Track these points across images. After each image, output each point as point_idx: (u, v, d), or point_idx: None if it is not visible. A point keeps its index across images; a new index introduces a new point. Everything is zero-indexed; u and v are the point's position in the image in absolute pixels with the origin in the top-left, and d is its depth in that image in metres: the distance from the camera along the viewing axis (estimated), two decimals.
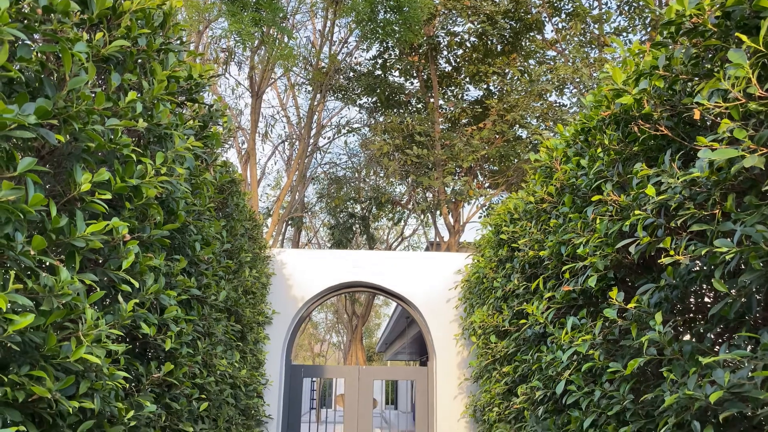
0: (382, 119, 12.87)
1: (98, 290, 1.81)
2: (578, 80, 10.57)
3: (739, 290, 1.61)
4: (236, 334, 4.20)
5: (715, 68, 1.73)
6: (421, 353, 21.71)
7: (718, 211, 1.62)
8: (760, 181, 1.56)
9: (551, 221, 2.99)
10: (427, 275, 6.02)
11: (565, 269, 2.74)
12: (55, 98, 1.54)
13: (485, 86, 12.23)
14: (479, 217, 4.91)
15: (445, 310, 5.92)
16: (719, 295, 2.04)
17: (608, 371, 2.28)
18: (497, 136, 10.92)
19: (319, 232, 21.28)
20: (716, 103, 1.52)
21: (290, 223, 15.54)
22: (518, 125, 11.09)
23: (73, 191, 1.67)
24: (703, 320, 2.06)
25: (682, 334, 2.09)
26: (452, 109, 12.33)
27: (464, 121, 12.32)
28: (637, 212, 1.93)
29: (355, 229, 16.72)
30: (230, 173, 3.59)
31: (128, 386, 2.36)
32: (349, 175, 15.23)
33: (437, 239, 12.85)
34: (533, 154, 3.35)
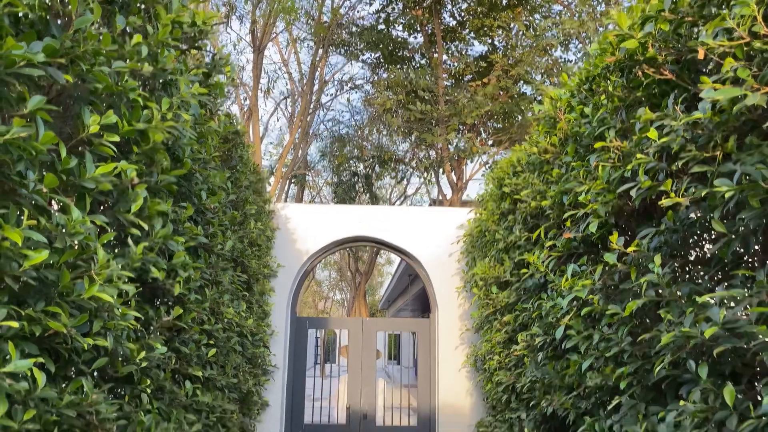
0: (385, 75, 12.73)
1: (109, 231, 1.85)
2: (584, 35, 10.41)
3: (736, 230, 1.64)
4: (242, 284, 4.27)
5: (721, 10, 1.72)
6: (423, 310, 21.97)
7: (719, 152, 1.64)
8: (761, 122, 1.57)
9: (554, 171, 3.01)
10: (430, 230, 6.07)
11: (566, 216, 2.78)
12: (61, 38, 1.55)
13: (490, 41, 12.04)
14: (482, 174, 4.91)
15: (447, 263, 5.99)
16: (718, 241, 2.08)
17: (607, 314, 2.33)
18: (501, 92, 10.81)
19: (322, 190, 21.30)
20: (720, 42, 1.52)
21: (293, 181, 15.56)
22: (523, 81, 10.98)
23: (81, 133, 1.69)
24: (701, 264, 2.10)
25: (680, 278, 2.13)
26: (456, 64, 12.19)
27: (468, 77, 12.18)
28: (639, 156, 1.95)
29: (358, 187, 16.75)
30: (234, 124, 3.60)
31: (139, 329, 2.43)
32: (351, 133, 15.16)
33: (440, 197, 12.88)
34: (537, 104, 3.34)
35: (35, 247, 1.48)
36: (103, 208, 2.05)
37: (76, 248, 1.67)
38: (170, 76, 2.18)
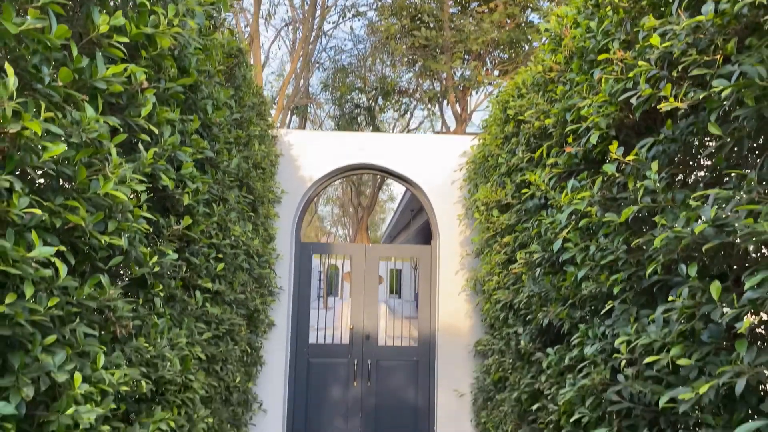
0: (389, 0, 12.42)
1: (121, 133, 1.90)
2: None
3: (732, 132, 1.69)
4: (248, 205, 4.35)
5: None
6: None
7: (719, 56, 1.66)
8: (763, 24, 1.58)
9: (558, 89, 3.02)
10: (433, 158, 6.10)
11: (568, 131, 2.81)
12: None
13: None
14: (487, 105, 4.87)
15: (449, 191, 6.05)
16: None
17: (604, 224, 2.41)
18: (508, 20, 10.58)
19: (324, 123, 21.17)
20: None
21: (295, 112, 15.45)
22: (530, 8, 10.72)
23: (91, 33, 1.72)
24: (697, 170, 2.15)
25: (676, 186, 2.19)
26: None
27: (475, 3, 11.89)
28: (641, 63, 1.97)
29: (360, 120, 16.64)
30: (238, 41, 3.59)
31: (151, 234, 2.51)
32: (354, 63, 14.94)
33: (443, 129, 12.81)
34: (543, 23, 3.32)
35: (53, 140, 1.54)
36: (113, 111, 2.09)
37: (90, 147, 1.73)
38: None
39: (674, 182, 2.18)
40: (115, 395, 2.21)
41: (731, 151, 1.83)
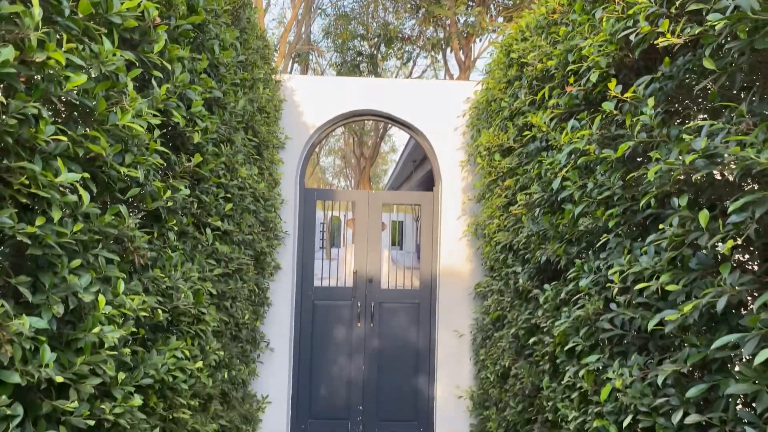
0: None
1: (137, 68, 1.96)
2: None
3: (724, 67, 1.75)
4: (254, 148, 4.42)
5: None
6: None
7: None
8: None
9: (560, 30, 3.05)
10: (436, 104, 6.13)
11: (568, 70, 2.86)
12: None
13: None
14: (490, 54, 4.83)
15: (452, 137, 6.10)
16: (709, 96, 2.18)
17: (601, 161, 2.49)
18: None
19: (325, 71, 20.96)
20: None
21: (296, 60, 15.30)
22: None
23: None
24: (691, 106, 2.22)
25: (671, 122, 2.25)
26: None
27: None
28: (640, 0, 2.01)
29: (362, 68, 16.48)
30: None
31: (164, 168, 2.60)
32: (356, 9, 14.70)
33: (447, 77, 12.72)
34: None
35: (74, 71, 1.61)
36: (127, 47, 2.15)
37: (108, 80, 1.80)
38: None
39: (671, 119, 2.25)
40: (134, 321, 2.35)
41: (725, 86, 1.89)
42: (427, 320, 6.22)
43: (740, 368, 1.53)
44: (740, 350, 1.63)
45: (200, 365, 2.92)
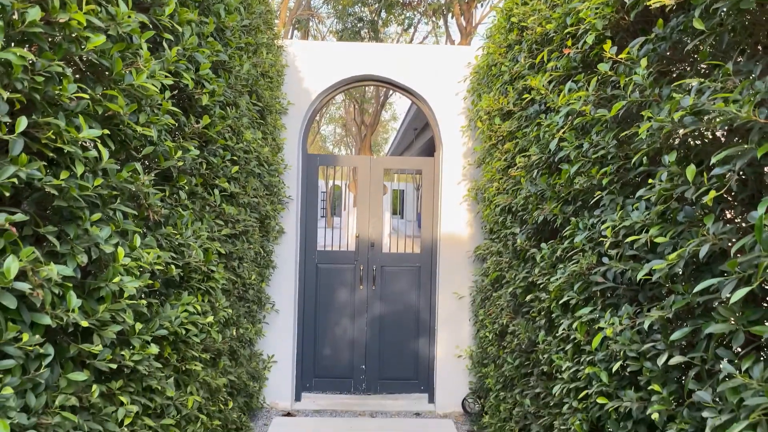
0: None
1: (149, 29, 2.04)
2: None
3: (713, 27, 1.83)
4: (257, 113, 4.50)
5: None
6: None
7: None
8: None
9: None
10: (438, 69, 6.16)
11: (566, 33, 2.93)
12: None
13: None
14: (492, 20, 4.82)
15: (454, 102, 6.15)
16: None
17: (597, 121, 2.58)
18: None
19: (326, 38, 20.80)
20: None
21: (296, 26, 15.21)
22: None
23: None
24: (684, 67, 2.30)
25: (664, 82, 2.33)
26: None
27: None
28: None
29: (363, 34, 16.38)
30: None
31: (174, 132, 2.69)
32: None
33: (448, 43, 12.67)
34: None
35: (93, 32, 1.69)
36: (139, 10, 2.22)
37: (123, 42, 1.88)
38: None
39: (663, 79, 2.33)
40: (149, 274, 2.47)
41: (714, 47, 1.97)
42: (427, 283, 6.37)
43: (719, 309, 1.64)
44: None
45: (211, 320, 3.06)
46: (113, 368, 2.16)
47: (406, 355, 6.42)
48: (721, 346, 1.78)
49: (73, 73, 1.72)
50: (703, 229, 1.82)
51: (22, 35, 1.45)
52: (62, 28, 1.54)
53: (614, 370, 2.24)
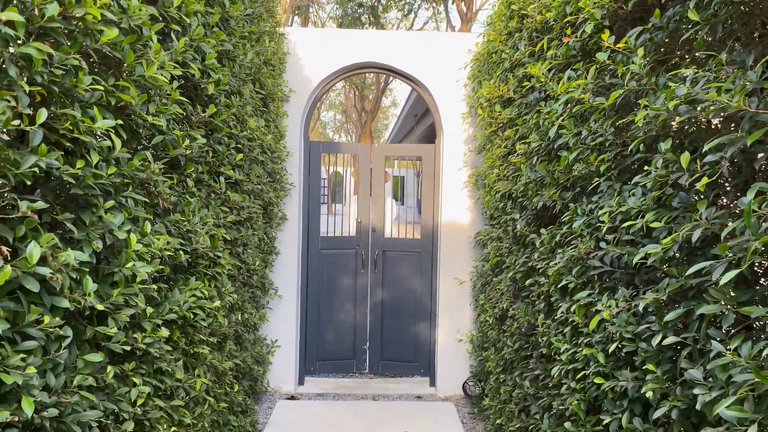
0: None
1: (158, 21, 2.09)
2: None
3: (707, 18, 1.88)
4: (260, 100, 4.55)
5: None
6: None
7: None
8: None
9: None
10: (438, 56, 6.19)
11: (565, 22, 2.97)
12: None
13: None
14: (493, 5, 4.82)
15: (454, 89, 6.19)
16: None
17: (595, 109, 2.63)
18: None
19: (326, 24, 20.74)
20: None
21: (296, 12, 15.17)
22: None
23: None
24: (679, 55, 2.35)
25: (660, 71, 2.39)
26: None
27: None
28: None
29: (363, 20, 16.34)
30: None
31: (181, 121, 2.75)
32: None
33: (448, 29, 12.65)
34: None
35: (106, 25, 1.75)
36: (148, 2, 2.27)
37: (134, 34, 1.93)
38: None
39: (660, 68, 2.38)
40: (160, 260, 2.53)
41: (709, 34, 2.02)
42: (428, 268, 6.44)
43: (710, 291, 1.71)
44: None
45: (218, 305, 3.13)
46: (127, 350, 2.24)
47: (407, 339, 6.52)
48: (712, 326, 1.85)
49: (87, 65, 1.78)
50: (696, 214, 1.88)
51: (38, 30, 1.51)
52: (78, 22, 1.60)
53: (611, 351, 2.32)
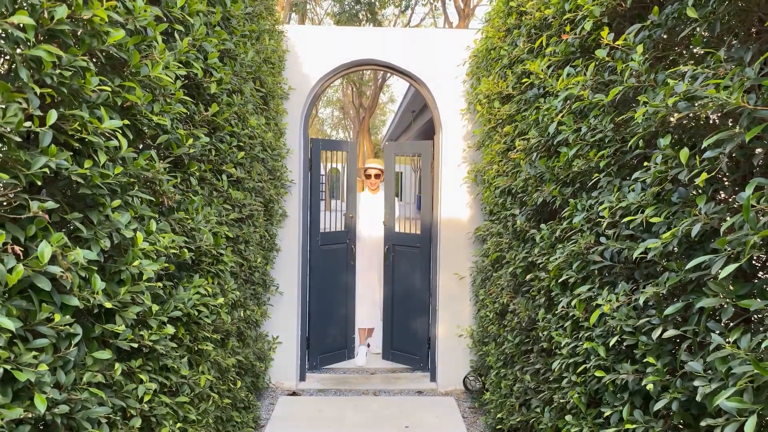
0: None
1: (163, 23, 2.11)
2: None
3: (705, 15, 1.91)
4: (260, 98, 4.56)
5: None
6: None
7: None
8: None
9: None
10: (437, 53, 6.21)
11: (564, 19, 3.00)
12: None
13: None
14: (489, 1, 4.81)
15: (453, 86, 6.21)
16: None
17: (594, 105, 2.66)
18: None
19: (323, 21, 20.73)
20: None
21: (294, 9, 15.16)
22: None
23: None
24: (677, 52, 2.38)
25: (659, 68, 2.41)
26: None
27: None
28: None
29: (360, 16, 16.34)
30: None
31: (185, 120, 2.77)
32: None
33: (446, 25, 12.66)
34: None
35: (112, 26, 1.77)
36: (152, 3, 2.29)
37: (140, 35, 1.95)
38: None
39: (659, 64, 2.41)
40: (165, 258, 2.56)
41: (707, 30, 2.04)
42: (428, 263, 6.47)
43: (710, 285, 1.74)
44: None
45: (221, 302, 3.16)
46: (134, 347, 2.27)
47: (407, 334, 6.55)
48: (711, 319, 1.89)
49: (93, 66, 1.80)
50: (695, 209, 1.91)
51: (47, 32, 1.53)
52: (85, 24, 1.62)
53: (611, 344, 2.35)
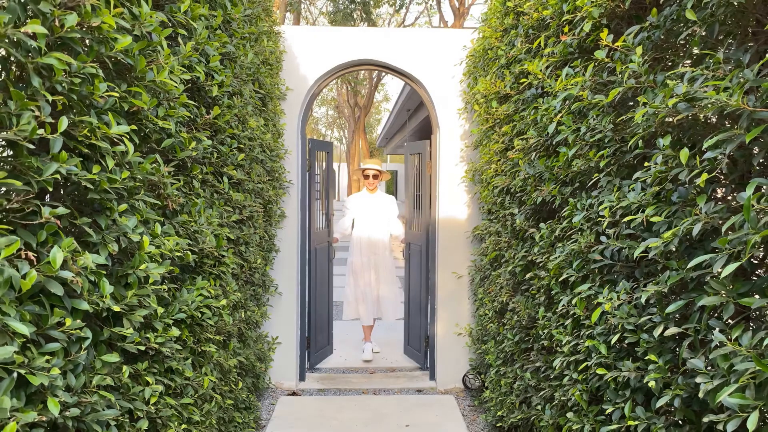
0: None
1: (167, 28, 2.13)
2: None
3: (704, 18, 1.94)
4: (259, 100, 4.58)
5: None
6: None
7: None
8: None
9: None
10: (434, 52, 6.23)
11: (563, 20, 3.02)
12: None
13: None
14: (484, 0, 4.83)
15: (450, 85, 6.23)
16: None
17: (594, 106, 2.68)
18: None
19: (318, 20, 20.72)
20: None
21: (288, 8, 15.16)
22: None
23: None
24: (678, 55, 2.41)
25: (658, 69, 2.44)
26: None
27: None
28: None
29: (355, 16, 16.34)
30: None
31: (187, 123, 2.79)
32: None
33: (441, 24, 12.67)
34: None
35: (120, 33, 1.78)
36: (157, 7, 2.30)
37: (145, 40, 1.97)
38: None
39: (658, 66, 2.44)
40: (170, 261, 2.58)
41: (705, 36, 2.07)
42: (426, 263, 6.50)
43: (711, 283, 1.77)
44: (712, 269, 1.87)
45: (223, 303, 3.18)
46: (141, 350, 2.28)
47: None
48: (712, 317, 1.92)
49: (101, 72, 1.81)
50: (695, 208, 1.94)
51: (57, 40, 1.54)
52: (94, 31, 1.64)
53: (613, 342, 2.38)
